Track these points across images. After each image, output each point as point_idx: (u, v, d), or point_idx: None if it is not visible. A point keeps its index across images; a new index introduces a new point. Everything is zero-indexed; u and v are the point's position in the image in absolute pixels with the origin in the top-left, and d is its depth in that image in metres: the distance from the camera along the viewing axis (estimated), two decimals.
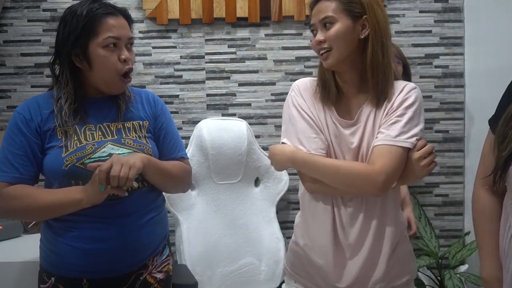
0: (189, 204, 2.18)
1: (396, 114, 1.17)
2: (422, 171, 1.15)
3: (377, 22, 1.18)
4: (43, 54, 2.41)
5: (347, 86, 1.25)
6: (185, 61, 2.45)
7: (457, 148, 2.48)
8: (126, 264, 1.31)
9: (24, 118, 1.28)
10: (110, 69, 1.27)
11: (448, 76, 2.46)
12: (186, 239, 2.11)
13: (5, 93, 2.43)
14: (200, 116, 2.43)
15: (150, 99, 1.44)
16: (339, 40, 1.18)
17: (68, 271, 1.28)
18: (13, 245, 1.97)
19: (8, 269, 1.71)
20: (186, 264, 2.04)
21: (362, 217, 1.21)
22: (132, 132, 1.34)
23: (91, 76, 1.30)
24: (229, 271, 2.16)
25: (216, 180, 2.24)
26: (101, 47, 1.25)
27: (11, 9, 2.41)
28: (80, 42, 1.25)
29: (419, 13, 2.45)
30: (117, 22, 1.27)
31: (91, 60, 1.26)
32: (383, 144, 1.15)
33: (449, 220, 2.49)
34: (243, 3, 2.39)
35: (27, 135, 1.27)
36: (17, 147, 1.27)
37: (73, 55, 1.27)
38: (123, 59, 1.28)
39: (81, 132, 1.29)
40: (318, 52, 1.22)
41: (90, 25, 1.24)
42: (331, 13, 1.17)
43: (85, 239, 1.26)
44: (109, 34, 1.25)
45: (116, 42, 1.26)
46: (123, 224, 1.28)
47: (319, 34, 1.20)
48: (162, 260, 1.40)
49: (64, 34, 1.26)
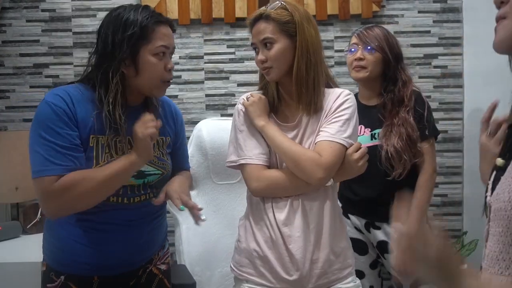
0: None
1: (334, 116, 1.32)
2: (359, 170, 1.32)
3: (305, 40, 1.30)
4: (42, 54, 2.41)
5: (288, 95, 1.38)
6: (184, 61, 2.45)
7: (456, 148, 2.49)
8: (135, 261, 1.37)
9: (64, 111, 1.20)
10: (156, 77, 1.27)
11: (447, 76, 2.47)
12: (185, 239, 2.11)
13: (4, 93, 2.43)
14: (199, 116, 2.43)
15: (173, 113, 1.46)
16: (278, 59, 1.31)
17: (79, 269, 1.29)
18: (12, 245, 1.97)
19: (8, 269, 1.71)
20: (185, 264, 2.05)
21: (301, 215, 1.32)
22: (156, 149, 1.35)
23: (135, 82, 1.27)
24: (228, 271, 2.13)
25: (215, 180, 2.24)
26: (152, 54, 1.25)
27: (10, 9, 2.41)
28: (133, 46, 1.22)
29: (418, 14, 2.46)
30: (167, 31, 1.29)
31: (139, 66, 1.24)
32: (325, 140, 1.29)
33: (448, 220, 2.49)
34: (242, 4, 2.40)
35: (73, 128, 1.20)
36: (66, 141, 1.18)
37: (122, 61, 1.23)
38: (169, 68, 1.30)
39: (112, 144, 1.25)
40: (261, 69, 1.36)
41: (145, 31, 1.23)
42: (270, 35, 1.30)
43: (97, 240, 1.28)
44: (161, 42, 1.25)
45: (165, 51, 1.27)
46: (134, 228, 1.33)
47: (261, 54, 1.33)
48: (164, 253, 1.49)
49: (116, 39, 1.22)
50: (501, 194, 0.70)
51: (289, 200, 1.32)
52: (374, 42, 1.77)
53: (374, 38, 1.78)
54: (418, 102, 1.77)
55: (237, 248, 1.45)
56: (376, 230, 1.82)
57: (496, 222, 0.71)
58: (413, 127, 1.72)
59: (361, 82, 1.84)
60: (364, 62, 1.77)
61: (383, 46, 1.77)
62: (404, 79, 1.78)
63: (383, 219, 1.76)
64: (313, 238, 1.31)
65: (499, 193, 0.71)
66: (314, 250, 1.31)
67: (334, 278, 1.35)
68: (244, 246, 1.40)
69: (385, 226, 1.80)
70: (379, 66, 1.78)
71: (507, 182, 0.70)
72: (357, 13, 2.41)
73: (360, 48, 1.78)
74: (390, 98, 1.76)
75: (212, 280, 2.13)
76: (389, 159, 1.71)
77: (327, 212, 1.33)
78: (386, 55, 1.77)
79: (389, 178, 1.71)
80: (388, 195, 1.79)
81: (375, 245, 1.84)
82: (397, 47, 1.81)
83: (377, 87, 1.82)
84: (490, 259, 0.73)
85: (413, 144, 1.72)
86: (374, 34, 1.79)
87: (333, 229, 1.34)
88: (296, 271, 1.31)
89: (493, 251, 0.72)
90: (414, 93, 1.78)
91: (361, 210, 1.84)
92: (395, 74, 1.78)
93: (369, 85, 1.81)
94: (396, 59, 1.79)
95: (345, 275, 1.37)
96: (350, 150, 1.30)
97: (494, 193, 0.73)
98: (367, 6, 2.41)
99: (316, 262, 1.32)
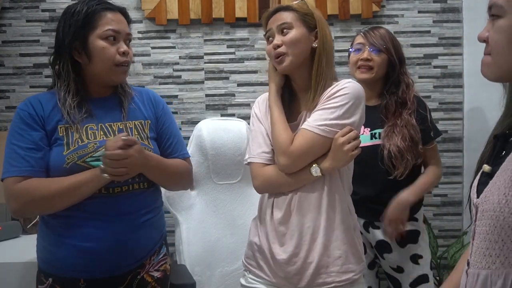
0: (188, 204, 2.18)
1: (321, 105, 1.29)
2: (347, 154, 1.25)
3: (325, 36, 1.32)
4: (42, 54, 2.41)
5: (298, 90, 1.37)
6: (184, 61, 2.45)
7: (456, 148, 2.49)
8: (123, 264, 1.32)
9: (28, 114, 1.29)
10: (108, 60, 1.29)
11: (447, 76, 2.47)
12: (185, 239, 2.11)
13: (4, 93, 2.43)
14: (199, 117, 2.43)
15: (151, 98, 1.46)
16: (294, 45, 1.30)
17: (65, 271, 1.28)
18: (12, 245, 1.97)
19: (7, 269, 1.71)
20: (185, 264, 2.04)
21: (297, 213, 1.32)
22: (135, 132, 1.35)
23: (90, 70, 1.31)
24: (228, 271, 2.16)
25: (215, 180, 2.24)
26: (101, 39, 1.28)
27: (10, 10, 2.41)
28: (80, 34, 1.27)
29: (418, 14, 2.46)
30: (115, 17, 1.31)
31: (91, 52, 1.28)
32: (302, 128, 1.29)
33: (448, 220, 2.50)
34: (242, 3, 2.40)
35: (35, 128, 1.28)
36: (26, 141, 1.27)
37: (73, 49, 1.28)
38: (122, 52, 1.30)
39: (83, 131, 1.29)
40: (274, 56, 1.32)
41: (90, 18, 1.27)
42: (289, 20, 1.31)
43: (82, 237, 1.26)
44: (109, 27, 1.28)
45: (115, 36, 1.29)
46: (120, 223, 1.29)
47: (277, 38, 1.31)
48: (159, 259, 1.41)
49: (65, 29, 1.28)
50: (490, 197, 0.77)
51: (287, 198, 1.33)
52: (381, 43, 1.77)
53: (381, 39, 1.78)
54: (421, 105, 1.79)
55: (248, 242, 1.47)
56: (375, 229, 1.82)
57: (483, 221, 0.79)
58: (415, 129, 1.73)
59: (364, 83, 1.84)
60: (371, 63, 1.78)
61: (389, 48, 1.78)
62: (407, 82, 1.80)
63: (383, 218, 1.76)
64: (308, 237, 1.30)
65: (487, 195, 0.78)
66: (308, 250, 1.30)
67: (330, 280, 1.31)
68: (250, 239, 1.43)
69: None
70: (384, 68, 1.80)
71: (496, 186, 0.77)
72: (357, 13, 2.41)
73: (366, 49, 1.79)
74: (393, 99, 1.77)
75: (212, 280, 2.13)
76: (391, 158, 1.71)
77: (324, 211, 1.30)
78: (392, 57, 1.78)
79: (390, 177, 1.72)
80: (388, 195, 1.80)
81: (374, 244, 1.84)
82: (401, 50, 1.83)
83: (378, 88, 1.83)
84: (477, 255, 0.80)
85: (415, 145, 1.73)
86: (380, 35, 1.79)
87: (330, 229, 1.31)
88: (287, 268, 1.31)
89: (480, 248, 0.80)
90: (415, 97, 1.80)
91: (360, 210, 1.83)
92: (399, 77, 1.79)
93: (371, 86, 1.82)
94: (400, 62, 1.80)
95: (343, 280, 1.31)
96: (337, 134, 1.26)
97: (482, 196, 0.80)
98: (367, 6, 2.41)
99: (310, 262, 1.30)
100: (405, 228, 1.74)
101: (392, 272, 1.84)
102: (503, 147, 0.84)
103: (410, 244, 1.78)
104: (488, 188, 0.79)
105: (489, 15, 0.83)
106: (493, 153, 0.85)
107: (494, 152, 0.85)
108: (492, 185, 0.79)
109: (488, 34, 0.82)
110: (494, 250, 0.76)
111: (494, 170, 0.81)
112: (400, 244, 1.78)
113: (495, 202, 0.76)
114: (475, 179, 0.87)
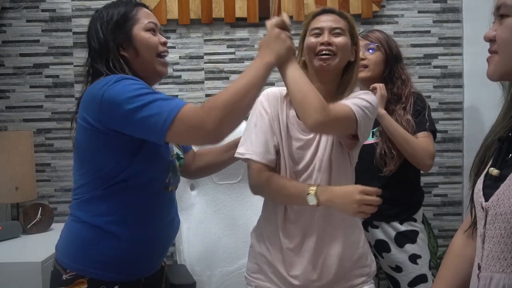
0: (189, 204, 2.18)
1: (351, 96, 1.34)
2: (350, 209, 1.23)
3: (358, 53, 1.40)
4: (42, 54, 2.41)
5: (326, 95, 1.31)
6: (184, 61, 2.45)
7: (456, 148, 2.49)
8: (161, 261, 1.39)
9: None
10: (153, 49, 1.31)
11: (447, 76, 2.47)
12: (185, 239, 2.11)
13: (4, 93, 2.43)
14: None
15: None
16: (344, 50, 1.33)
17: (130, 274, 1.28)
18: (12, 245, 1.97)
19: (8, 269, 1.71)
20: (185, 264, 2.04)
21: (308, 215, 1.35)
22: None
23: (138, 63, 1.31)
24: (228, 271, 2.16)
25: (216, 180, 2.23)
26: (145, 30, 1.30)
27: (10, 10, 2.41)
28: (124, 28, 1.28)
29: (417, 14, 2.46)
30: (148, 11, 1.35)
31: (137, 44, 1.29)
32: (342, 102, 1.30)
33: (448, 220, 2.50)
34: (242, 3, 2.40)
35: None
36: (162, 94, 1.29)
37: (119, 45, 1.29)
38: (163, 42, 1.34)
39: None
40: (320, 52, 1.32)
41: (130, 13, 1.30)
42: (344, 27, 1.35)
43: (152, 236, 1.30)
44: (150, 19, 1.32)
45: (154, 28, 1.33)
46: (164, 225, 1.34)
47: (328, 37, 1.32)
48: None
49: (104, 29, 1.28)
50: (504, 200, 0.77)
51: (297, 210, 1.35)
52: (374, 42, 1.84)
53: (375, 39, 1.85)
54: (419, 99, 1.83)
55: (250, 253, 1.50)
56: (375, 229, 1.83)
57: (496, 224, 0.78)
58: (408, 122, 1.75)
59: (362, 82, 1.86)
60: (365, 62, 1.82)
61: (383, 46, 1.84)
62: (403, 78, 1.84)
63: (382, 218, 1.77)
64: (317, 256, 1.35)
65: (501, 198, 0.78)
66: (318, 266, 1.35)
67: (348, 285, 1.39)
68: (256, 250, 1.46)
69: (383, 225, 1.81)
70: (380, 66, 1.84)
71: (510, 189, 0.77)
72: (357, 13, 2.41)
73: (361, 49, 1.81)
74: (388, 96, 1.80)
75: (212, 280, 2.13)
76: (383, 156, 1.75)
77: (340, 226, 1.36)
78: (387, 54, 1.84)
79: (381, 174, 1.75)
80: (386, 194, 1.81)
81: (373, 244, 1.84)
82: (396, 48, 1.87)
83: None
84: (490, 258, 0.79)
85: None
86: (374, 35, 1.86)
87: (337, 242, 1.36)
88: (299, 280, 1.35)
89: (493, 252, 0.79)
90: (415, 93, 1.84)
91: None
92: (395, 73, 1.83)
93: (369, 84, 1.83)
94: (395, 59, 1.85)
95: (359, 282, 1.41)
96: (360, 189, 1.23)
97: (494, 199, 0.80)
98: (367, 6, 2.41)
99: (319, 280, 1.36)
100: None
101: (391, 271, 1.84)
102: (509, 150, 0.84)
103: (408, 244, 1.79)
104: (500, 191, 0.79)
105: (497, 15, 0.84)
106: (499, 156, 0.85)
107: (500, 155, 0.85)
108: (505, 188, 0.78)
109: (495, 33, 0.83)
110: (509, 253, 0.76)
111: (502, 173, 0.81)
112: (399, 244, 1.79)
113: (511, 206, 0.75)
114: (478, 182, 0.87)
